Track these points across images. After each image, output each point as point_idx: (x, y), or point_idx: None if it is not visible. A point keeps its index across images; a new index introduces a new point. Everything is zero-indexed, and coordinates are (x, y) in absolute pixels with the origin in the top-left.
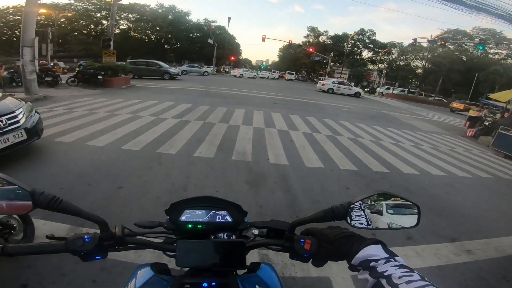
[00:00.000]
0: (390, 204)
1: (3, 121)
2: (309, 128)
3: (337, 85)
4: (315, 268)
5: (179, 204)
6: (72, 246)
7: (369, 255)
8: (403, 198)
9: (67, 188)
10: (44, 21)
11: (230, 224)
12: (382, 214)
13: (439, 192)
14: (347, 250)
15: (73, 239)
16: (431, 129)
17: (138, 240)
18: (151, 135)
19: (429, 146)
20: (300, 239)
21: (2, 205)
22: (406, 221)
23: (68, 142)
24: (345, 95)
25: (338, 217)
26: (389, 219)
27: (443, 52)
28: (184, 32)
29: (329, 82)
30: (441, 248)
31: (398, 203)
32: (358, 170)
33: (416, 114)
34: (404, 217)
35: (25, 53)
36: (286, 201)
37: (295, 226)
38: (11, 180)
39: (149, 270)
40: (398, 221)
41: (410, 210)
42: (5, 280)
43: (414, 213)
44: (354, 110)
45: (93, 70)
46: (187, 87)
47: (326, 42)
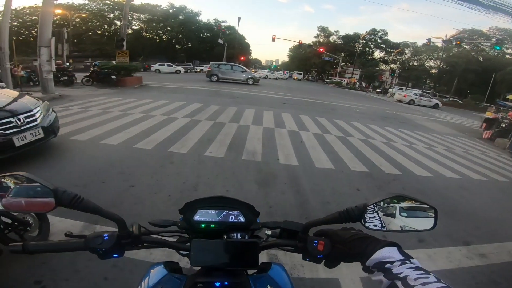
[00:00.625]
0: (404, 207)
1: (21, 120)
2: (319, 129)
3: (418, 97)
4: (324, 269)
5: (193, 203)
6: (91, 244)
7: (384, 256)
8: (420, 201)
9: (82, 186)
10: (59, 21)
11: (243, 224)
12: (395, 216)
13: (453, 195)
14: (362, 252)
15: (92, 237)
16: (445, 130)
17: (153, 239)
18: (163, 134)
19: (443, 148)
20: (313, 240)
21: (22, 202)
22: (421, 224)
23: (83, 140)
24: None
25: (352, 219)
26: (402, 221)
27: (458, 52)
28: (195, 32)
29: (410, 93)
30: (454, 251)
31: (412, 206)
32: (369, 171)
33: (430, 116)
34: (419, 220)
35: (42, 53)
36: (296, 202)
37: (309, 227)
38: (34, 178)
39: (162, 269)
40: (412, 223)
41: (425, 213)
42: (20, 276)
43: (429, 216)
44: (365, 111)
45: (107, 70)
46: (198, 86)
47: (336, 42)
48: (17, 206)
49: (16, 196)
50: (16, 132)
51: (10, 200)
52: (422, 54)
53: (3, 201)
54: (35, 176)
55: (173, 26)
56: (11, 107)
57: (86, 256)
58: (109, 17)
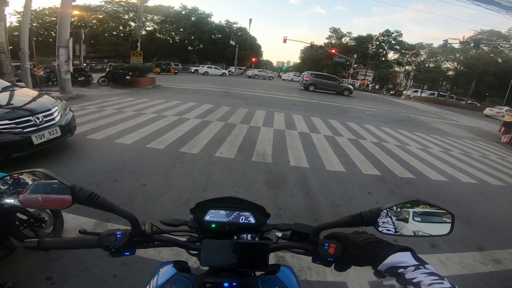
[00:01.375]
0: (418, 212)
1: (39, 118)
2: (330, 131)
3: None
4: (332, 272)
5: (204, 203)
6: (104, 241)
7: (397, 261)
8: (437, 206)
9: (96, 183)
10: (77, 22)
11: (253, 225)
12: (409, 221)
13: (468, 200)
14: (374, 256)
15: (105, 235)
16: (462, 134)
17: (164, 238)
18: (175, 134)
19: (460, 152)
20: (324, 243)
21: (39, 198)
22: (437, 229)
23: (98, 139)
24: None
25: (366, 223)
26: (416, 226)
27: (476, 53)
28: (207, 33)
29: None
30: (467, 256)
31: (427, 211)
32: (381, 175)
33: (446, 119)
34: (434, 225)
35: (61, 53)
36: (305, 204)
37: (320, 230)
38: (52, 174)
39: (171, 268)
40: (426, 229)
41: (441, 218)
42: (32, 272)
43: (445, 221)
44: (379, 113)
45: (122, 70)
46: (209, 88)
47: (349, 43)
48: (34, 202)
49: (34, 193)
50: (35, 130)
51: (27, 196)
52: (438, 55)
53: (20, 197)
54: (53, 173)
55: (186, 27)
56: (30, 106)
57: (96, 253)
58: (124, 19)
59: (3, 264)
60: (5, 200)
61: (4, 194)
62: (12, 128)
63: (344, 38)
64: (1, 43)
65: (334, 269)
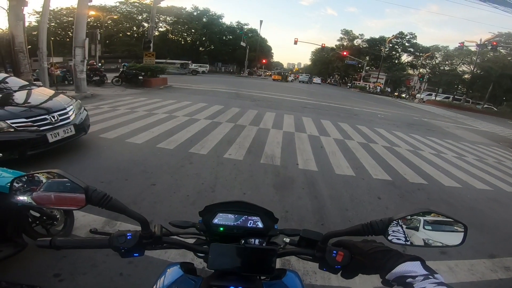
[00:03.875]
0: (430, 221)
1: (55, 117)
2: (340, 134)
3: None
4: (337, 277)
5: (213, 207)
6: (115, 242)
7: (406, 271)
8: (449, 217)
9: (107, 182)
10: (93, 22)
11: (261, 230)
12: (419, 231)
13: (482, 207)
14: (382, 265)
15: (116, 236)
16: (477, 139)
17: (173, 240)
18: (184, 135)
19: (474, 158)
20: (332, 251)
21: (52, 197)
22: (448, 239)
23: (111, 138)
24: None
25: (376, 232)
26: (427, 236)
27: (494, 56)
28: (217, 34)
29: None
30: (477, 264)
31: (438, 220)
32: (392, 180)
33: (461, 123)
34: (446, 235)
35: (77, 53)
36: (313, 208)
37: (329, 238)
38: (67, 175)
39: (178, 269)
40: (437, 238)
41: (452, 228)
42: (41, 269)
43: (457, 230)
44: (391, 117)
45: (135, 70)
46: (219, 89)
47: (361, 45)
48: (47, 200)
49: (47, 191)
50: (50, 128)
51: (41, 194)
52: (454, 58)
53: (33, 194)
54: (68, 173)
55: (197, 28)
56: (46, 105)
57: (104, 251)
58: (137, 19)
59: (14, 261)
60: (18, 197)
61: (18, 191)
62: (28, 126)
63: (356, 40)
64: (19, 43)
65: (340, 277)
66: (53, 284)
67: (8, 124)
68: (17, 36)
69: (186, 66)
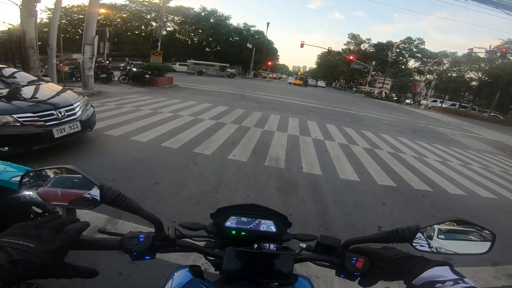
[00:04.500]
0: (455, 230)
1: (61, 113)
2: (345, 139)
3: None
4: (339, 281)
5: (225, 209)
6: (127, 244)
7: (435, 276)
8: (479, 226)
9: (110, 180)
10: (103, 20)
11: (274, 234)
12: (445, 239)
13: (487, 215)
14: (408, 271)
15: (128, 238)
16: (483, 148)
17: (186, 244)
18: (189, 134)
19: (480, 167)
20: (352, 257)
21: (58, 193)
22: (474, 248)
23: (116, 135)
24: None
25: (402, 240)
26: (452, 244)
27: (503, 63)
28: (224, 35)
29: None
30: (480, 271)
31: (465, 229)
32: (396, 186)
33: (466, 131)
34: (472, 244)
35: (86, 50)
36: (316, 212)
37: (350, 245)
38: (80, 171)
39: (187, 273)
40: (463, 247)
41: (479, 237)
42: None
43: (484, 239)
44: (396, 123)
45: (142, 69)
46: (224, 89)
47: (368, 50)
48: (53, 196)
49: (54, 186)
50: (56, 124)
51: (47, 189)
52: (462, 65)
53: (39, 190)
54: (83, 170)
55: (204, 28)
56: (53, 100)
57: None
58: (146, 18)
59: None
60: (24, 192)
61: (24, 186)
62: (35, 121)
63: (363, 44)
64: (30, 39)
65: (358, 284)
66: (50, 283)
67: (14, 118)
68: (28, 32)
69: (224, 69)
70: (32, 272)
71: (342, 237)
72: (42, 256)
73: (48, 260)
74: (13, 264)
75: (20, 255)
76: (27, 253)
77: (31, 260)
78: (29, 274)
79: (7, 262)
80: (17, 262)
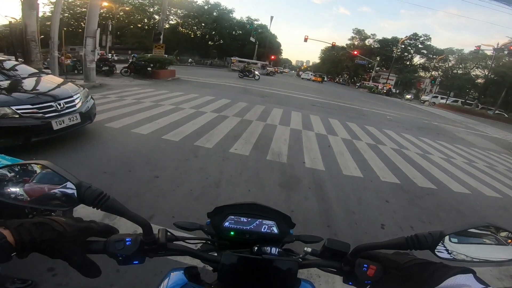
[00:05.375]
0: (481, 234)
1: (61, 104)
2: (349, 134)
3: None
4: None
5: (223, 208)
6: (111, 248)
7: (458, 284)
8: (509, 231)
9: (110, 173)
10: (105, 14)
11: (276, 235)
12: (470, 245)
13: (491, 215)
14: (426, 279)
15: (113, 241)
16: (488, 146)
17: (178, 247)
18: (190, 127)
19: (485, 165)
20: (363, 264)
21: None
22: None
23: (116, 128)
24: None
25: (422, 247)
26: (477, 250)
27: (509, 61)
28: (227, 29)
29: None
30: (484, 272)
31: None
32: (400, 183)
33: (472, 129)
34: (498, 249)
35: (88, 43)
36: (319, 209)
37: (361, 251)
38: (55, 168)
39: (182, 275)
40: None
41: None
42: (34, 262)
43: (499, 243)
44: (400, 119)
45: (144, 62)
46: (228, 83)
47: (372, 45)
48: (40, 193)
49: (40, 183)
50: (56, 116)
51: (33, 186)
52: (468, 62)
53: (25, 186)
54: (58, 166)
55: (207, 22)
56: (53, 92)
57: None
58: (149, 11)
59: None
60: (10, 188)
61: (10, 182)
62: (34, 113)
63: (367, 40)
64: (32, 32)
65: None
66: (46, 279)
67: (13, 110)
68: (30, 25)
69: (265, 67)
70: (47, 237)
71: (345, 236)
72: (65, 227)
73: (69, 233)
74: (35, 226)
75: (48, 221)
76: (55, 222)
77: (54, 227)
78: (46, 238)
79: (31, 223)
80: (41, 225)
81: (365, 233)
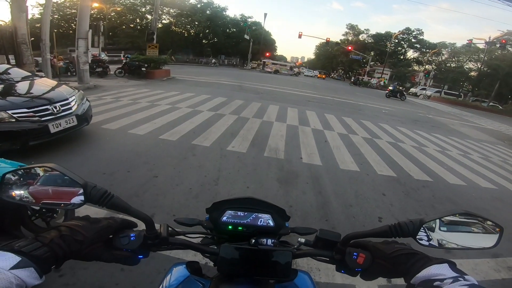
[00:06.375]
0: (460, 222)
1: (57, 107)
2: (345, 129)
3: None
4: (341, 275)
5: (221, 203)
6: (117, 244)
7: (433, 274)
8: (486, 218)
9: (109, 173)
10: (96, 14)
11: (272, 228)
12: (450, 232)
13: (486, 206)
14: (407, 269)
15: (119, 237)
16: (482, 137)
17: (180, 241)
18: (187, 126)
19: (480, 156)
20: (353, 252)
21: (49, 191)
22: (480, 241)
23: (113, 129)
24: None
25: (405, 235)
26: (457, 238)
27: (502, 54)
28: (221, 27)
29: None
30: (481, 263)
31: (470, 221)
32: (396, 176)
33: (466, 121)
34: (477, 237)
35: (80, 44)
36: (317, 203)
37: (350, 240)
38: (63, 170)
39: (184, 270)
40: (468, 240)
41: (485, 230)
42: None
43: (490, 232)
44: (395, 112)
45: (138, 62)
46: (223, 81)
47: (366, 40)
48: (44, 194)
49: (44, 185)
50: (52, 119)
51: (38, 188)
52: (461, 55)
53: (30, 188)
54: (65, 168)
55: (201, 20)
56: (48, 95)
57: None
58: (141, 11)
59: None
60: (15, 191)
61: (14, 185)
62: (30, 117)
63: (361, 35)
64: (22, 34)
65: (360, 278)
66: (53, 279)
67: (9, 115)
68: (20, 28)
69: (292, 68)
70: (75, 248)
71: (343, 229)
72: (85, 234)
73: (89, 239)
74: (62, 239)
75: (68, 231)
76: (74, 230)
77: (75, 237)
78: (74, 249)
79: (57, 237)
80: (65, 237)
81: (362, 226)
